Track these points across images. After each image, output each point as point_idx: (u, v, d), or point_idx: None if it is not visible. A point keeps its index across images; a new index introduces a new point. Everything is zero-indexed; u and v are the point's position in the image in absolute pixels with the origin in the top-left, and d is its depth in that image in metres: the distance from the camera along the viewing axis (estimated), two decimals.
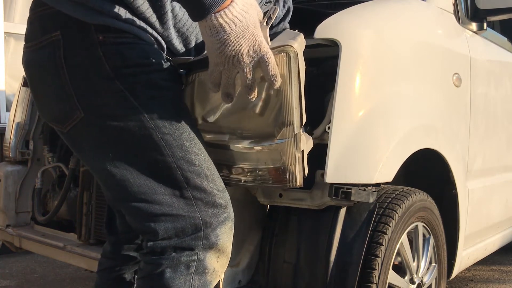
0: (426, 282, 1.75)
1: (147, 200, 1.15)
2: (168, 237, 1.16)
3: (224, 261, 1.23)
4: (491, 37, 2.40)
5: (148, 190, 1.15)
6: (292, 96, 1.23)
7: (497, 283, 2.97)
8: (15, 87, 2.97)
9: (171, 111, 1.14)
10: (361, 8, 1.61)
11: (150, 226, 1.16)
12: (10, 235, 2.19)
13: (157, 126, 1.12)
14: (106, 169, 1.18)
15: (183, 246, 1.15)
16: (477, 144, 2.09)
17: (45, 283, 2.89)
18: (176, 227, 1.15)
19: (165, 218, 1.15)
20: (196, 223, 1.15)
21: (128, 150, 1.14)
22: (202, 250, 1.17)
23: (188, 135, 1.15)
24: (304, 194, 1.41)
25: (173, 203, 1.14)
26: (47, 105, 1.22)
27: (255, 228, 1.54)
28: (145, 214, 1.17)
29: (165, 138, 1.13)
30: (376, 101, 1.46)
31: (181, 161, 1.14)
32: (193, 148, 1.15)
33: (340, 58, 1.41)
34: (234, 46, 1.03)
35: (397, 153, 1.47)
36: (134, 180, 1.15)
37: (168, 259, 1.15)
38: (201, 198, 1.16)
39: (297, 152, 1.26)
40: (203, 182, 1.16)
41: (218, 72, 1.08)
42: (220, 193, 1.19)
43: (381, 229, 1.45)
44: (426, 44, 1.74)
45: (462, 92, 1.95)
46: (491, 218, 2.35)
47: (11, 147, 2.31)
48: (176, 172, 1.14)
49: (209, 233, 1.17)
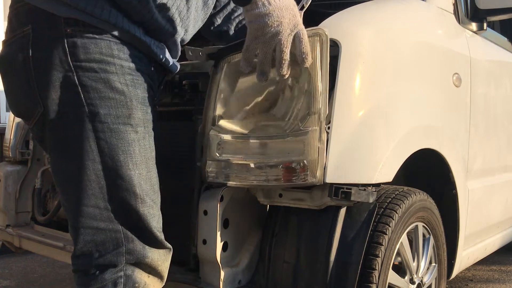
0: (426, 282, 1.75)
1: (73, 210, 1.13)
2: (88, 252, 1.12)
3: (155, 280, 1.19)
4: (491, 37, 2.40)
5: (74, 199, 1.12)
6: (321, 82, 1.23)
7: (497, 283, 2.97)
8: None
9: (116, 117, 1.10)
10: (361, 8, 1.61)
11: (73, 237, 1.14)
12: (10, 235, 2.19)
13: (95, 129, 1.09)
14: (53, 169, 1.16)
15: (105, 263, 1.12)
16: (477, 144, 2.09)
17: (45, 283, 2.89)
18: (96, 240, 1.12)
19: (84, 230, 1.12)
20: (117, 237, 1.12)
21: (68, 151, 1.12)
22: (128, 266, 1.13)
23: (125, 146, 1.11)
24: (304, 194, 1.41)
25: (95, 215, 1.11)
26: (15, 100, 1.21)
27: (255, 228, 1.55)
28: (70, 224, 1.15)
29: (100, 143, 1.09)
30: (376, 101, 1.46)
31: (110, 172, 1.10)
32: (127, 161, 1.11)
33: (340, 58, 1.41)
34: (277, 17, 1.06)
35: (397, 153, 1.47)
36: (66, 185, 1.13)
37: (93, 279, 1.13)
38: (125, 214, 1.12)
39: (320, 144, 1.25)
40: (130, 199, 1.12)
41: (255, 47, 1.09)
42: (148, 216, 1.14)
43: (381, 229, 1.45)
44: (426, 44, 1.74)
45: (462, 92, 1.95)
46: (491, 218, 2.35)
47: (11, 147, 2.31)
48: (102, 181, 1.10)
49: (133, 247, 1.13)
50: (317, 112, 1.25)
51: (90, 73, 1.09)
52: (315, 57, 1.21)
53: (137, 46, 1.16)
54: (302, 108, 1.26)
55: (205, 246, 1.43)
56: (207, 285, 1.45)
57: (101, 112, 1.09)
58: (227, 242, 1.46)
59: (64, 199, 1.18)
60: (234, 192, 1.46)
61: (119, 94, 1.11)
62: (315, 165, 1.27)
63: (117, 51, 1.12)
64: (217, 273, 1.43)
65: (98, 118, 1.09)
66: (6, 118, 3.83)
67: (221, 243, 1.43)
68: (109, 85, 1.10)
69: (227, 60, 1.31)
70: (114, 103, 1.10)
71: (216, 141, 1.37)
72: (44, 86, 1.11)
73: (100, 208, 1.11)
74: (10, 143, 2.32)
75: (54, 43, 1.10)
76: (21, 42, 1.13)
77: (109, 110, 1.10)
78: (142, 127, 1.15)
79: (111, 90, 1.10)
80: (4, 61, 1.19)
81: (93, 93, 1.09)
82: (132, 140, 1.12)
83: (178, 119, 1.66)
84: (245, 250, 1.52)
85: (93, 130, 1.09)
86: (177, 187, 1.57)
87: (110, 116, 1.10)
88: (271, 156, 1.30)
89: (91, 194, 1.11)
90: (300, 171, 1.28)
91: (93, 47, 1.09)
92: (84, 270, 1.14)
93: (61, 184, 1.16)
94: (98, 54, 1.09)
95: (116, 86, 1.11)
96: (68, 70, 1.09)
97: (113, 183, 1.11)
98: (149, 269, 1.17)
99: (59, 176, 1.16)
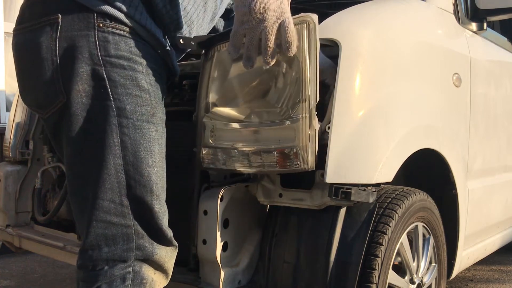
0: (426, 282, 1.75)
1: (86, 203, 1.13)
2: (97, 245, 1.13)
3: (161, 277, 1.20)
4: (491, 37, 2.40)
5: (91, 191, 1.12)
6: (309, 69, 1.23)
7: (497, 283, 2.97)
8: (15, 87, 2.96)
9: (141, 115, 1.12)
10: (361, 8, 1.61)
11: (83, 230, 1.14)
12: (10, 235, 2.19)
13: (120, 124, 1.10)
14: (69, 161, 1.16)
15: (115, 258, 1.13)
16: (477, 144, 2.09)
17: (45, 283, 2.89)
18: (107, 234, 1.12)
19: (97, 223, 1.12)
20: (128, 233, 1.13)
21: (88, 143, 1.12)
22: (137, 261, 1.14)
23: (147, 144, 1.13)
24: (304, 194, 1.41)
25: (109, 209, 1.12)
26: (31, 89, 1.20)
27: (255, 228, 1.55)
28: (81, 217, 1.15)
29: (123, 138, 1.10)
30: (376, 101, 1.46)
31: (130, 167, 1.11)
32: (147, 158, 1.13)
33: (340, 58, 1.41)
34: (263, 3, 1.05)
35: (397, 153, 1.47)
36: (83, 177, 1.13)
37: (102, 274, 1.12)
38: (139, 210, 1.13)
39: (310, 130, 1.26)
40: (147, 195, 1.13)
41: (242, 33, 1.09)
42: (160, 214, 1.16)
43: (381, 229, 1.45)
44: (426, 44, 1.74)
45: (462, 92, 1.95)
46: (491, 218, 2.35)
47: (11, 147, 2.30)
48: (121, 176, 1.11)
49: (143, 244, 1.14)
50: (307, 99, 1.26)
51: (119, 69, 1.10)
52: (302, 45, 1.22)
53: (157, 49, 1.18)
54: (293, 95, 1.27)
55: (205, 246, 1.43)
56: (207, 285, 1.45)
57: (128, 108, 1.11)
58: (227, 242, 1.46)
59: (76, 191, 1.17)
60: (234, 192, 1.46)
61: (145, 93, 1.13)
62: (306, 151, 1.28)
63: (143, 52, 1.14)
64: (217, 273, 1.43)
65: (125, 113, 1.10)
66: (6, 118, 3.83)
67: (221, 243, 1.43)
68: (136, 83, 1.12)
69: (218, 49, 1.32)
70: (140, 101, 1.12)
71: (209, 128, 1.38)
72: (69, 76, 1.11)
73: (115, 202, 1.12)
74: (10, 143, 2.31)
75: (84, 35, 1.10)
76: (48, 29, 1.12)
77: (135, 107, 1.12)
78: (161, 126, 1.18)
79: (138, 88, 1.12)
80: (23, 47, 1.18)
81: (120, 89, 1.10)
82: (153, 138, 1.14)
83: (178, 119, 1.66)
84: (245, 250, 1.52)
85: (118, 125, 1.10)
86: (177, 187, 1.57)
87: (135, 113, 1.12)
88: (264, 142, 1.31)
89: (108, 188, 1.11)
90: (292, 157, 1.29)
91: (123, 44, 1.11)
92: (92, 265, 1.14)
93: (76, 176, 1.16)
94: (128, 52, 1.11)
95: (143, 84, 1.13)
96: (97, 63, 1.10)
97: (132, 178, 1.12)
98: (156, 266, 1.18)
99: (74, 168, 1.16)
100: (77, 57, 1.10)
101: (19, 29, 1.20)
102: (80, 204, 1.17)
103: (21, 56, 1.20)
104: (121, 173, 1.11)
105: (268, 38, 1.08)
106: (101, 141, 1.11)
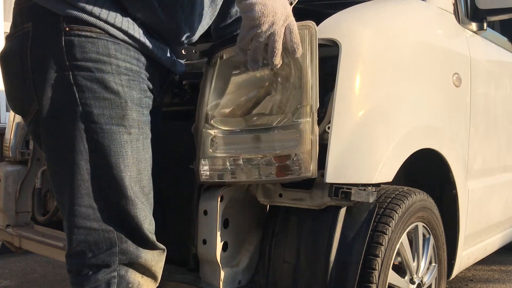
0: (426, 282, 1.75)
1: (67, 209, 1.13)
2: (81, 252, 1.12)
3: (149, 280, 1.19)
4: (491, 37, 2.40)
5: (68, 199, 1.12)
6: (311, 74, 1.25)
7: (497, 283, 2.97)
8: None
9: (110, 118, 1.10)
10: (361, 8, 1.61)
11: (67, 235, 1.14)
12: (10, 235, 2.19)
13: (89, 129, 1.09)
14: (48, 168, 1.16)
15: (98, 263, 1.12)
16: (477, 144, 2.09)
17: (45, 283, 2.89)
18: (89, 240, 1.12)
19: (77, 230, 1.12)
20: (110, 237, 1.12)
21: (62, 151, 1.12)
22: (121, 266, 1.13)
23: (118, 148, 1.11)
24: (304, 194, 1.41)
25: (88, 215, 1.11)
26: (13, 96, 1.21)
27: (255, 228, 1.55)
28: (64, 223, 1.15)
29: (92, 144, 1.09)
30: (376, 101, 1.46)
31: (102, 173, 1.10)
32: (118, 163, 1.11)
33: (340, 58, 1.41)
34: (272, 7, 1.07)
35: (397, 153, 1.47)
36: (61, 184, 1.13)
37: (86, 279, 1.13)
38: (117, 214, 1.12)
39: (312, 136, 1.27)
40: (121, 201, 1.12)
41: (250, 37, 1.11)
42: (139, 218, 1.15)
43: (381, 229, 1.45)
44: (426, 44, 1.74)
45: (462, 92, 1.95)
46: (491, 218, 2.35)
47: (11, 147, 2.31)
48: (95, 181, 1.10)
49: (126, 248, 1.13)
50: (308, 104, 1.27)
51: (85, 72, 1.09)
52: (304, 49, 1.23)
53: (135, 46, 1.15)
54: (294, 101, 1.28)
55: (205, 246, 1.43)
56: (207, 285, 1.45)
57: (95, 112, 1.09)
58: (227, 242, 1.46)
59: (58, 198, 1.18)
60: (234, 192, 1.46)
61: (113, 95, 1.11)
62: (309, 158, 1.28)
63: (114, 51, 1.11)
64: (217, 273, 1.43)
65: (91, 118, 1.09)
66: (6, 118, 3.83)
67: (221, 243, 1.43)
68: (104, 85, 1.10)
69: (220, 56, 1.32)
70: (108, 104, 1.10)
71: (209, 138, 1.37)
72: (40, 84, 1.11)
73: (93, 208, 1.11)
74: (10, 143, 2.32)
75: (52, 41, 1.10)
76: (21, 39, 1.14)
77: (102, 111, 1.09)
78: (136, 128, 1.15)
79: (106, 90, 1.10)
80: (5, 56, 1.20)
81: (88, 93, 1.09)
82: (125, 142, 1.12)
83: (178, 119, 1.66)
84: (245, 250, 1.52)
85: (86, 130, 1.09)
86: (177, 187, 1.57)
87: (103, 116, 1.09)
88: (265, 150, 1.31)
89: (84, 194, 1.11)
90: (294, 165, 1.29)
91: (90, 46, 1.09)
92: (77, 270, 1.14)
93: (56, 183, 1.16)
94: (95, 53, 1.09)
95: (111, 86, 1.10)
96: (64, 69, 1.09)
97: (106, 183, 1.11)
98: (142, 270, 1.17)
99: (53, 175, 1.16)
100: (47, 64, 1.10)
101: (7, 37, 1.22)
102: (61, 209, 1.17)
103: (3, 64, 1.21)
104: (95, 178, 1.10)
105: (276, 40, 1.10)
106: (72, 148, 1.09)
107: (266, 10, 1.07)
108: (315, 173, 1.30)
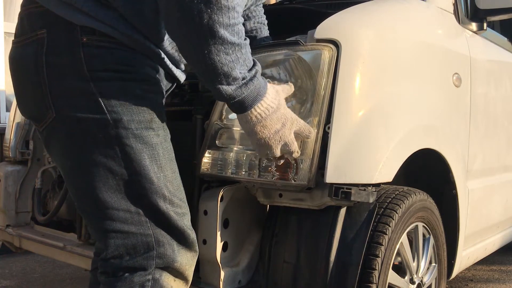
0: (426, 282, 1.75)
1: (100, 214, 1.13)
2: (119, 255, 1.13)
3: (181, 284, 1.20)
4: (491, 37, 2.40)
5: (101, 203, 1.12)
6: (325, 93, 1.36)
7: (497, 283, 2.97)
8: None
9: (139, 122, 1.11)
10: (361, 8, 1.61)
11: (102, 240, 1.14)
12: (10, 235, 2.19)
13: (119, 136, 1.09)
14: (69, 175, 1.16)
15: (135, 266, 1.13)
16: (477, 144, 2.09)
17: (45, 283, 2.89)
18: (127, 244, 1.12)
19: (115, 234, 1.12)
20: (148, 241, 1.13)
21: (89, 157, 1.11)
22: (157, 269, 1.14)
23: (150, 151, 1.12)
24: (304, 194, 1.41)
25: (126, 219, 1.12)
26: (25, 102, 1.21)
27: (255, 228, 1.55)
28: (97, 227, 1.15)
29: (125, 149, 1.10)
30: (376, 101, 1.46)
31: (138, 177, 1.11)
32: (153, 165, 1.12)
33: (340, 58, 1.41)
34: (266, 132, 1.15)
35: (397, 153, 1.47)
36: (89, 190, 1.12)
37: (121, 281, 1.13)
38: (155, 217, 1.13)
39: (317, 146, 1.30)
40: (159, 201, 1.13)
41: (265, 157, 1.26)
42: (178, 216, 1.16)
43: (381, 229, 1.45)
44: (426, 44, 1.74)
45: (462, 92, 1.95)
46: (491, 218, 2.35)
47: (11, 147, 2.30)
48: (132, 186, 1.11)
49: (164, 252, 1.14)
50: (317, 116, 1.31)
51: (108, 82, 1.10)
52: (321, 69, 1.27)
53: (150, 56, 1.17)
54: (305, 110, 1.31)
55: (205, 246, 1.43)
56: (207, 285, 1.45)
57: (124, 119, 1.10)
58: (227, 242, 1.46)
59: (81, 206, 1.17)
60: (234, 192, 1.46)
61: (140, 100, 1.12)
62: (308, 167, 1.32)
63: (132, 61, 1.13)
64: (217, 273, 1.43)
65: (122, 124, 1.10)
66: (6, 118, 3.83)
67: (221, 243, 1.43)
68: (129, 91, 1.11)
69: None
70: (136, 109, 1.11)
71: (218, 130, 1.42)
72: (58, 92, 1.11)
73: (131, 212, 1.12)
74: (10, 143, 2.32)
75: (69, 51, 1.10)
76: (35, 46, 1.13)
77: (132, 116, 1.11)
78: (162, 130, 1.17)
79: (132, 96, 1.11)
80: (16, 62, 1.19)
81: (114, 101, 1.10)
82: (156, 144, 1.13)
83: (178, 119, 1.66)
84: (245, 250, 1.52)
85: (117, 136, 1.09)
86: None
87: (133, 122, 1.11)
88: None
89: (121, 198, 1.11)
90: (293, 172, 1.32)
91: (109, 57, 1.10)
92: (113, 272, 1.15)
93: (80, 190, 1.15)
94: (115, 64, 1.10)
95: (136, 93, 1.12)
96: (84, 78, 1.09)
97: (142, 187, 1.12)
98: (176, 273, 1.18)
99: (76, 182, 1.15)
100: (65, 73, 1.10)
101: (14, 42, 1.21)
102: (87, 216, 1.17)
103: (15, 70, 1.21)
104: (131, 184, 1.11)
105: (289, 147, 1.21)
106: (103, 154, 1.10)
107: (270, 132, 1.15)
108: (313, 183, 1.32)
